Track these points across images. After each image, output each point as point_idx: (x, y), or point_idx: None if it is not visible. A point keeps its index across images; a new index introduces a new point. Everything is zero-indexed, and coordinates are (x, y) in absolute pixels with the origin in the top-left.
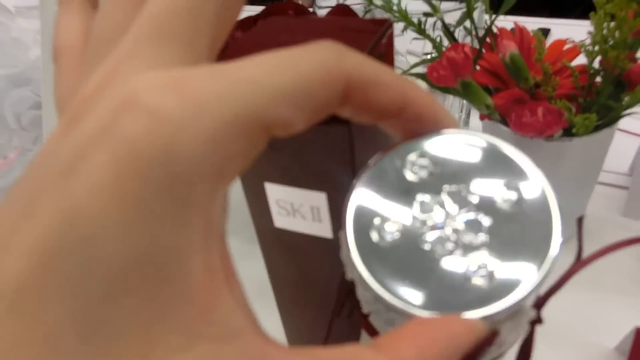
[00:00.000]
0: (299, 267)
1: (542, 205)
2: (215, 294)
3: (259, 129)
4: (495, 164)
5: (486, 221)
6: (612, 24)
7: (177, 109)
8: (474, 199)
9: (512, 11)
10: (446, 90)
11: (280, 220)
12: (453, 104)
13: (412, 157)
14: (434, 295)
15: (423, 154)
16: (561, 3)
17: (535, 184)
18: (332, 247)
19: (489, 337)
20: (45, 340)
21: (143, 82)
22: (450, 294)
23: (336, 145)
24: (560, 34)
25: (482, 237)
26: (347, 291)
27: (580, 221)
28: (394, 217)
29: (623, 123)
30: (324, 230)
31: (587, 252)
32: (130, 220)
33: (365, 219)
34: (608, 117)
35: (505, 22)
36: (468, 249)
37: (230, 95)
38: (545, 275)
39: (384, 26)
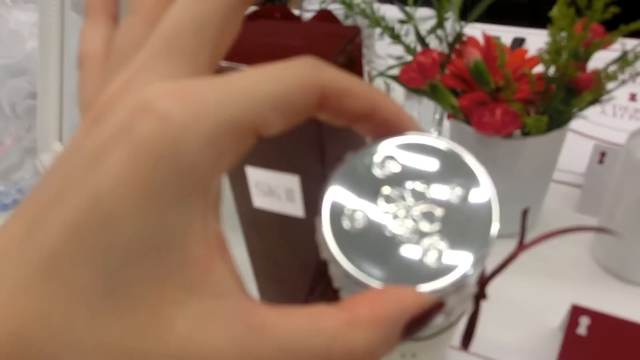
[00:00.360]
0: (274, 243)
1: (484, 199)
2: (211, 262)
3: (248, 130)
4: (449, 164)
5: (438, 212)
6: (564, 36)
7: (182, 114)
8: (430, 194)
9: (491, 20)
10: (416, 91)
11: (259, 200)
12: (428, 105)
13: (379, 156)
14: (392, 272)
15: (389, 154)
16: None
17: (480, 181)
18: (303, 226)
19: (435, 306)
20: (76, 295)
21: (154, 91)
22: (407, 271)
23: (309, 136)
24: (535, 43)
25: (434, 225)
26: (321, 271)
27: (525, 213)
28: (362, 207)
29: (582, 127)
30: (296, 209)
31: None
32: (144, 203)
33: (338, 208)
34: (560, 120)
35: (476, 30)
36: (422, 235)
37: (225, 103)
38: (483, 255)
39: (352, 32)
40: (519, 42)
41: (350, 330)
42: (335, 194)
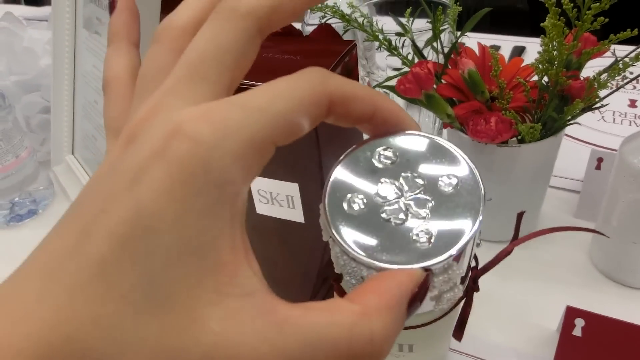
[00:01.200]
0: (276, 248)
1: (472, 190)
2: (238, 265)
3: (268, 144)
4: (440, 158)
5: (430, 199)
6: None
7: (210, 135)
8: (423, 183)
9: (493, 30)
10: (413, 101)
11: (261, 207)
12: (428, 114)
13: (379, 150)
14: (387, 252)
15: (387, 148)
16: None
17: (469, 175)
18: (304, 231)
19: (425, 280)
20: (123, 298)
21: (184, 115)
22: (400, 251)
23: (306, 146)
24: (536, 52)
25: (426, 211)
26: (324, 276)
27: (520, 215)
28: (361, 193)
29: (582, 133)
30: (297, 215)
31: (541, 250)
32: (181, 215)
33: (339, 194)
34: (554, 127)
35: (483, 40)
36: (415, 219)
37: (246, 123)
38: (469, 240)
39: (349, 46)
40: (519, 51)
41: (366, 321)
42: (337, 181)
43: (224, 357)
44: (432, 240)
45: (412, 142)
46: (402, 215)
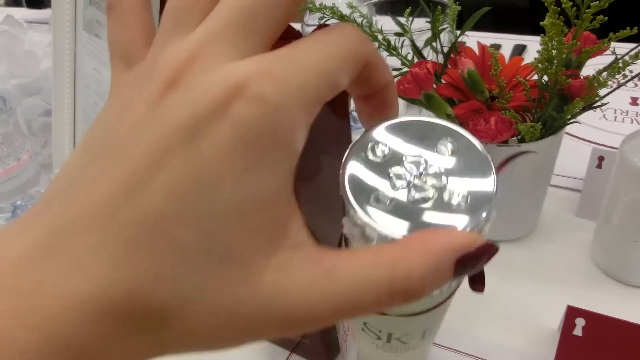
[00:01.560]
0: None
1: (472, 148)
2: (289, 219)
3: (320, 102)
4: (442, 136)
5: (443, 179)
6: (554, 45)
7: (275, 97)
8: (426, 159)
9: (495, 29)
10: (412, 101)
11: None
12: (428, 114)
13: (372, 145)
14: (405, 223)
15: (379, 143)
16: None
17: (474, 149)
18: None
19: (485, 246)
20: (182, 252)
21: (245, 72)
22: (412, 221)
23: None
24: (536, 51)
25: (444, 179)
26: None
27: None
28: (376, 182)
29: (584, 132)
30: None
31: (542, 249)
32: (242, 174)
33: (362, 195)
34: (554, 126)
35: (484, 39)
36: (438, 189)
37: (304, 83)
38: (488, 214)
39: None
40: (519, 50)
41: (408, 257)
42: (352, 169)
43: (279, 306)
44: (468, 201)
45: (400, 127)
46: (427, 192)
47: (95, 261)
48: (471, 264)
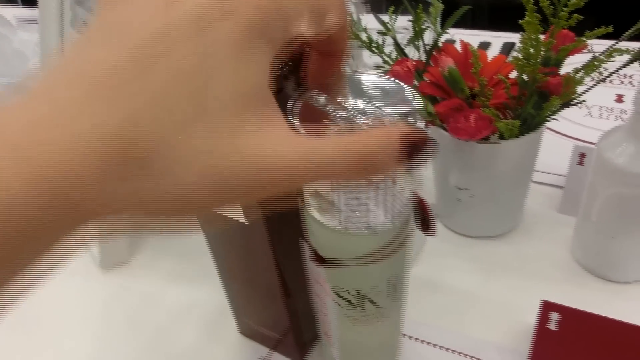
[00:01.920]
0: (231, 253)
1: (403, 94)
2: (271, 102)
3: (300, 17)
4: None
5: (374, 103)
6: (532, 43)
7: (271, 5)
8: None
9: (479, 27)
10: None
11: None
12: None
13: (313, 94)
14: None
15: (321, 93)
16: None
17: (400, 86)
18: (247, 232)
19: (423, 135)
20: (168, 111)
21: None
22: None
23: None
24: None
25: (375, 104)
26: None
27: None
28: (323, 102)
29: (568, 129)
30: (238, 214)
31: (524, 245)
32: (242, 60)
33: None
34: (533, 123)
35: (470, 36)
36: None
37: None
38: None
39: None
40: (508, 48)
41: (367, 134)
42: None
43: (260, 160)
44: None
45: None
46: (368, 111)
47: (90, 106)
48: (414, 147)
